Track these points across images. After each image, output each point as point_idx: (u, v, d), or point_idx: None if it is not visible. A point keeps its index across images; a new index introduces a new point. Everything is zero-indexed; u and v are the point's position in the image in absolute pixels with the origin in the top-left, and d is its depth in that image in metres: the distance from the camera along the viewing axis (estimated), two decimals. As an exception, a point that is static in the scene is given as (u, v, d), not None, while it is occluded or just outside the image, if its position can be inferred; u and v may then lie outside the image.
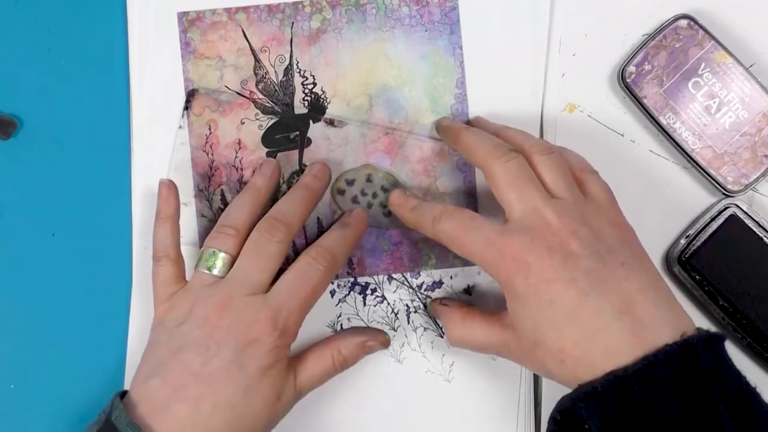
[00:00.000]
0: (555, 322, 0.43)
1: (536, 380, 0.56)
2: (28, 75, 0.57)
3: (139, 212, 0.57)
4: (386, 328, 0.57)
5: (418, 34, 0.57)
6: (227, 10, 0.57)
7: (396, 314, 0.57)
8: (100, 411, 0.48)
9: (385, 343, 0.55)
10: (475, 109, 0.57)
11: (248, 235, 0.51)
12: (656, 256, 0.56)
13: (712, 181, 0.55)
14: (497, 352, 0.48)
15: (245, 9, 0.57)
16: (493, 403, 0.56)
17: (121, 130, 0.57)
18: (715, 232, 0.55)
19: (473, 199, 0.57)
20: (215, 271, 0.50)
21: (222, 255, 0.50)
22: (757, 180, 0.55)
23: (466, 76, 0.57)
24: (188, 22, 0.57)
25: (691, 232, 0.55)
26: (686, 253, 0.55)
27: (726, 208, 0.55)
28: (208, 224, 0.56)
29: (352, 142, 0.57)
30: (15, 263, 0.57)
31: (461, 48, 0.57)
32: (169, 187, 0.53)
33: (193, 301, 0.49)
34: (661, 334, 0.41)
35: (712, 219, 0.55)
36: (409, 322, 0.56)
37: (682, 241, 0.55)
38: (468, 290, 0.57)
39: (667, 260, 0.56)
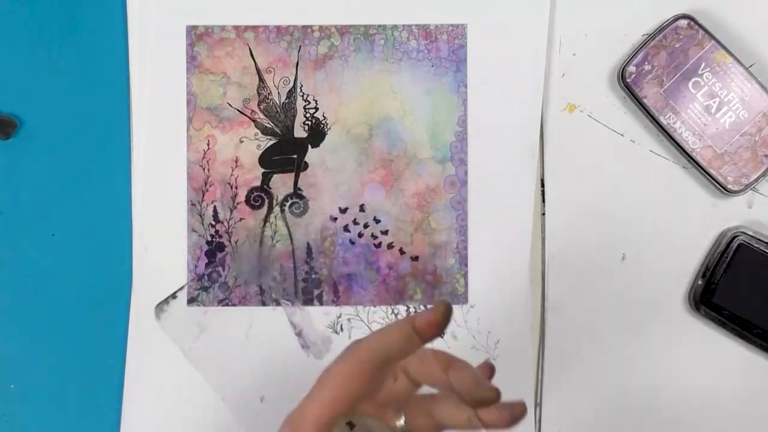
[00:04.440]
0: None
1: (536, 380, 0.56)
2: (28, 75, 0.57)
3: (139, 212, 0.57)
4: (386, 328, 0.57)
5: (424, 69, 0.57)
6: (236, 27, 0.57)
7: (396, 315, 0.57)
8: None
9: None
10: (475, 147, 0.57)
11: None
12: (660, 255, 0.56)
13: (713, 181, 0.55)
14: None
15: (254, 28, 0.57)
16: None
17: (121, 130, 0.57)
18: (728, 266, 0.54)
19: (464, 237, 0.57)
20: None
21: None
22: (757, 180, 0.55)
23: (468, 115, 0.57)
24: (196, 36, 0.57)
25: (706, 271, 0.55)
26: (708, 294, 0.55)
27: (733, 239, 0.54)
28: (198, 239, 0.56)
29: (349, 170, 0.57)
30: (15, 263, 0.57)
31: (466, 86, 0.57)
32: None
33: None
34: None
35: (723, 253, 0.55)
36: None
37: (700, 282, 0.55)
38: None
39: (691, 303, 0.56)
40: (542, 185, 0.57)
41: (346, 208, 0.57)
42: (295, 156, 0.57)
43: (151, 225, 0.56)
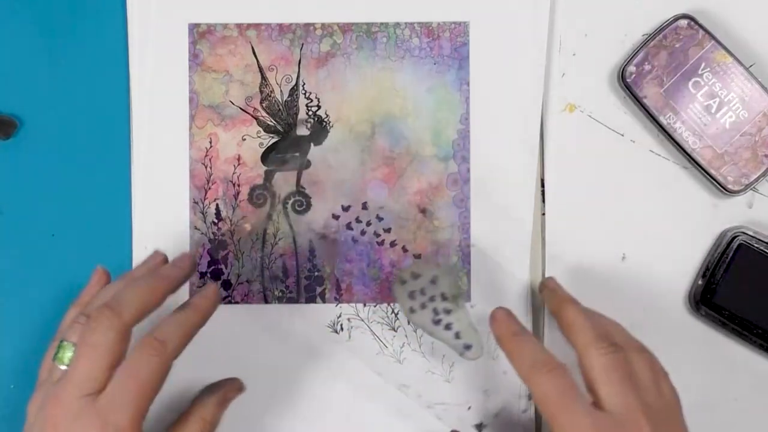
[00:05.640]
0: None
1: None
2: (28, 75, 0.57)
3: (138, 212, 0.57)
4: (386, 329, 0.57)
5: (426, 67, 0.57)
6: (238, 25, 0.57)
7: (396, 314, 0.57)
8: None
9: (241, 388, 0.53)
10: (477, 145, 0.57)
11: None
12: (660, 255, 0.56)
13: (713, 181, 0.55)
14: None
15: (256, 26, 0.57)
16: (493, 403, 0.56)
17: (122, 130, 0.57)
18: (728, 266, 0.55)
19: (467, 235, 0.57)
20: (63, 366, 0.45)
21: (71, 347, 0.45)
22: (757, 180, 0.55)
23: (470, 113, 0.57)
24: (198, 34, 0.57)
25: (706, 271, 0.55)
26: (708, 294, 0.55)
27: (733, 239, 0.55)
28: (201, 237, 0.56)
29: (352, 168, 0.57)
30: (15, 263, 0.56)
31: (468, 84, 0.57)
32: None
33: (43, 398, 0.45)
34: None
35: (723, 253, 0.55)
36: (409, 323, 0.56)
37: (700, 282, 0.55)
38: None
39: (691, 303, 0.56)
40: (542, 185, 0.57)
41: (349, 206, 0.57)
42: (297, 154, 0.57)
43: (152, 223, 0.56)
